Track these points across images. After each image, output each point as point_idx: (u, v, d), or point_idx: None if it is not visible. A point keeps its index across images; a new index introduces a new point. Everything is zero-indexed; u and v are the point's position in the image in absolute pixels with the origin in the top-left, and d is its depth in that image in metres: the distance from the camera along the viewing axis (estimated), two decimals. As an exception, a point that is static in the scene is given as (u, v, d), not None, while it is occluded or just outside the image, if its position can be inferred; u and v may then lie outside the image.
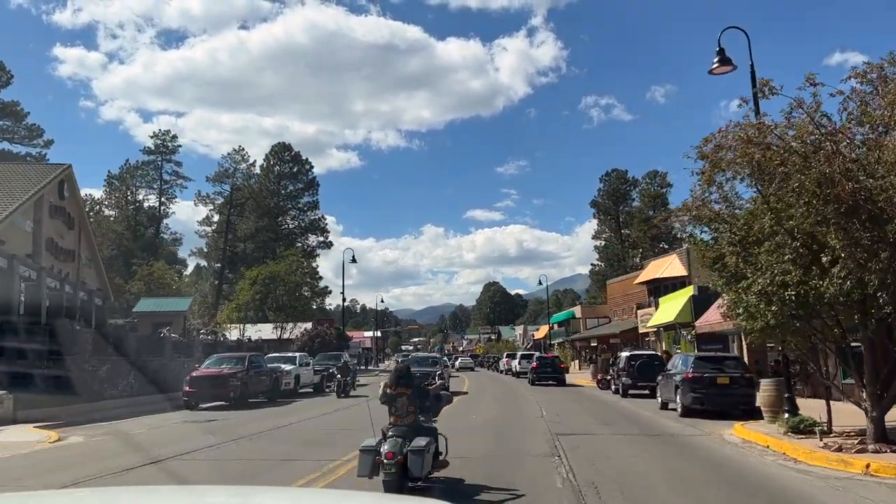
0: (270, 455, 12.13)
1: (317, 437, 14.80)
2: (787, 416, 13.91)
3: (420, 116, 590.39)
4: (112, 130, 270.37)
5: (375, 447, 7.97)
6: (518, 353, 55.38)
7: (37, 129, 68.68)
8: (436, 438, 8.58)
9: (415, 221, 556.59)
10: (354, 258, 53.60)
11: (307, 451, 12.45)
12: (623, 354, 28.56)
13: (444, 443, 8.90)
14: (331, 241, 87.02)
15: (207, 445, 13.19)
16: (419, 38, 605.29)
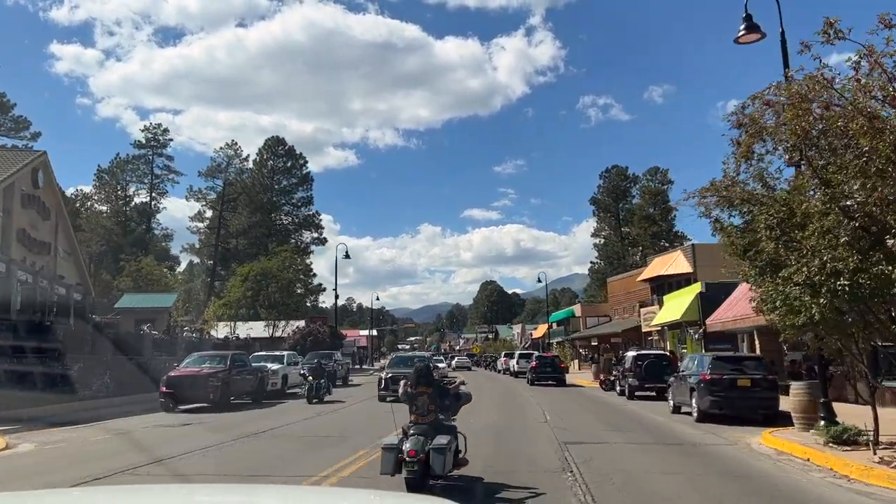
0: (242, 469, 10.59)
1: (297, 446, 13.23)
2: (824, 424, 12.38)
3: (418, 115, 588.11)
4: (109, 128, 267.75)
5: (397, 445, 8.06)
6: (516, 353, 53.95)
7: (23, 121, 66.97)
8: (455, 437, 8.66)
9: (412, 220, 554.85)
10: (348, 254, 51.97)
11: (284, 466, 10.90)
12: (629, 354, 27.06)
13: (464, 441, 8.97)
14: (325, 238, 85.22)
15: (171, 456, 11.61)
16: (417, 37, 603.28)
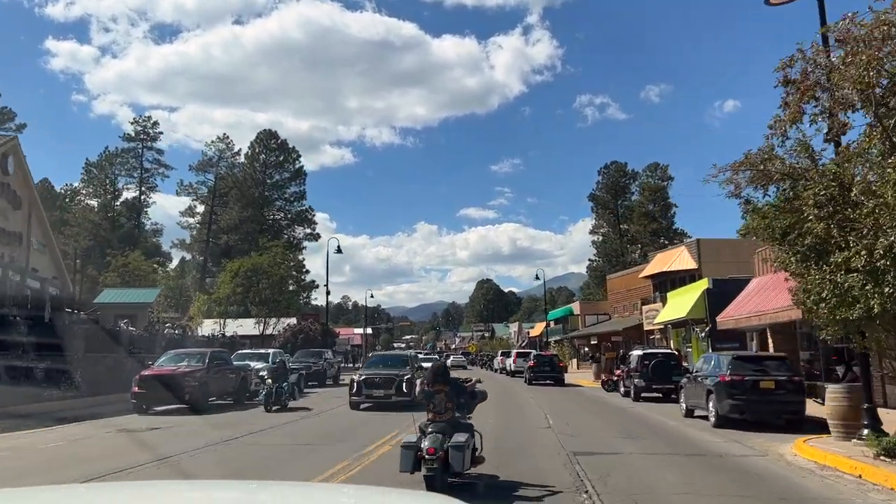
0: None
1: (275, 455, 11.67)
2: (869, 433, 10.89)
3: (414, 113, 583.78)
4: (104, 125, 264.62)
5: (416, 443, 8.17)
6: (513, 351, 52.51)
7: (8, 113, 65.20)
8: (473, 434, 8.67)
9: (408, 219, 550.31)
10: (339, 248, 50.43)
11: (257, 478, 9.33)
12: (635, 353, 25.57)
13: (480, 439, 8.96)
14: (318, 234, 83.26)
15: (118, 469, 10.02)
16: (414, 35, 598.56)
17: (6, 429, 15.30)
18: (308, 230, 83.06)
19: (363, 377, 20.12)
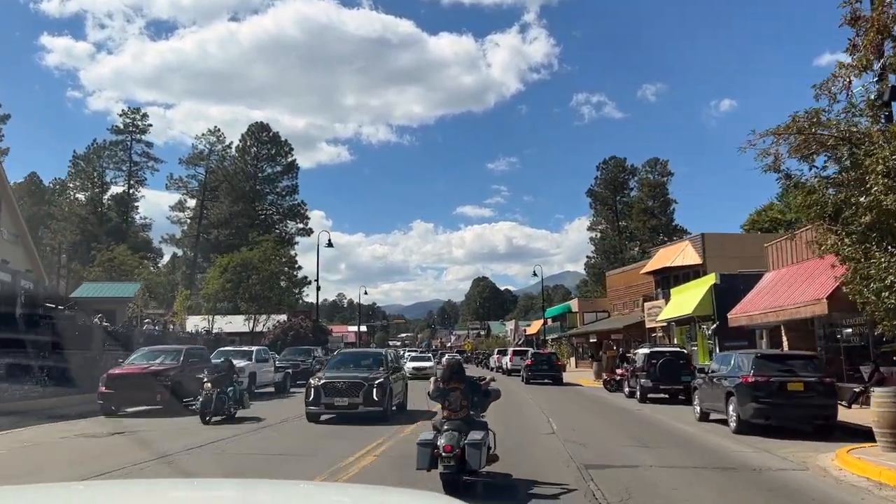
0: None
1: (243, 463, 10.10)
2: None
3: (411, 111, 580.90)
4: (100, 121, 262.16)
5: (432, 441, 8.15)
6: (510, 350, 51.01)
7: (-9, 103, 63.29)
8: (487, 432, 8.57)
9: (404, 217, 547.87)
10: (330, 242, 48.72)
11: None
12: (641, 351, 24.12)
13: (493, 437, 8.89)
14: (311, 228, 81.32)
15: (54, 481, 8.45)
16: (411, 33, 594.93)
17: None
18: (300, 225, 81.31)
19: (322, 381, 16.04)
